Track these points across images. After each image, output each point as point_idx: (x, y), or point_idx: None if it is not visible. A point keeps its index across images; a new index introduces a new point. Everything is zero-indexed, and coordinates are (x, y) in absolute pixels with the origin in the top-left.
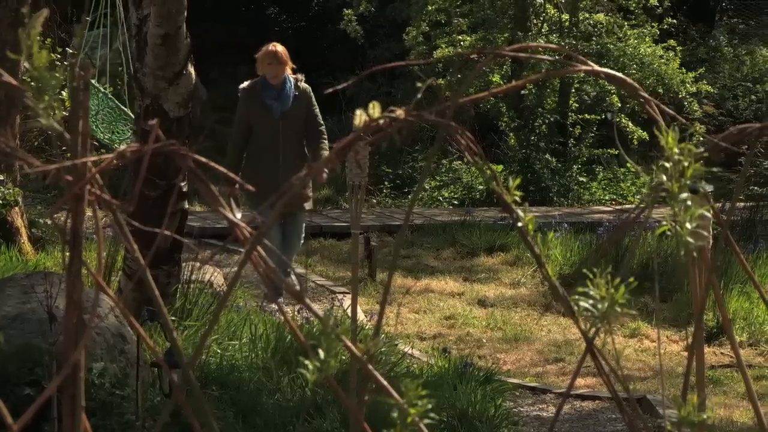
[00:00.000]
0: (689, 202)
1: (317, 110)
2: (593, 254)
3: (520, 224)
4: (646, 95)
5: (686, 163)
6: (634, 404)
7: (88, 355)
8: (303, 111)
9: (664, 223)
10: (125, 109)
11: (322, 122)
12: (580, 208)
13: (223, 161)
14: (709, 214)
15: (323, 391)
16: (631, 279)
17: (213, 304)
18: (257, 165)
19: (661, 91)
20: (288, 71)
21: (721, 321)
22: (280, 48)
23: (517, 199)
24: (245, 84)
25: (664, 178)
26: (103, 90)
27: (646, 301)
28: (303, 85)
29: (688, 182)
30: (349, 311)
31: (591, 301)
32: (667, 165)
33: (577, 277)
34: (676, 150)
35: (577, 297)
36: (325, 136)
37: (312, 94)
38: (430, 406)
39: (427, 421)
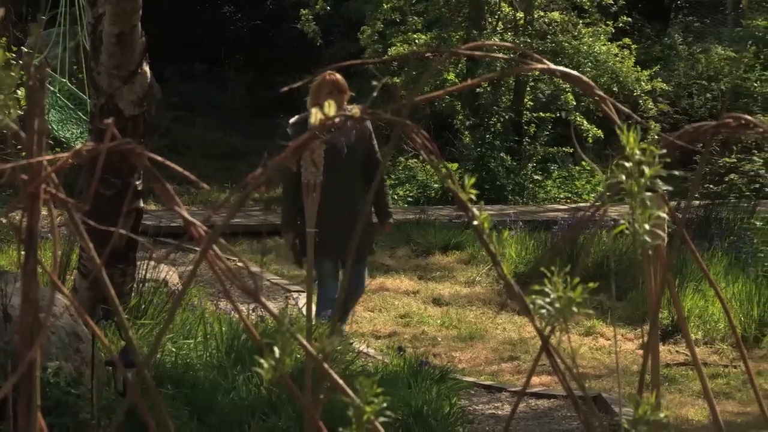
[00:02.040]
0: (648, 202)
1: (376, 145)
2: (548, 252)
3: (475, 223)
4: (601, 93)
5: (647, 164)
6: (589, 402)
7: (44, 354)
8: (364, 146)
9: (621, 221)
10: (73, 107)
11: (380, 159)
12: (535, 206)
13: (281, 212)
14: (665, 214)
15: (278, 390)
16: (590, 283)
17: (168, 302)
18: (320, 211)
19: (616, 89)
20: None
21: (676, 319)
22: (339, 75)
23: (473, 197)
24: (297, 118)
25: (624, 177)
26: (52, 89)
27: (601, 300)
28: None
29: (647, 182)
30: (304, 310)
31: (548, 300)
32: (627, 164)
33: (533, 276)
34: (637, 150)
35: (534, 296)
36: (384, 171)
37: (371, 127)
38: (385, 404)
39: (382, 419)
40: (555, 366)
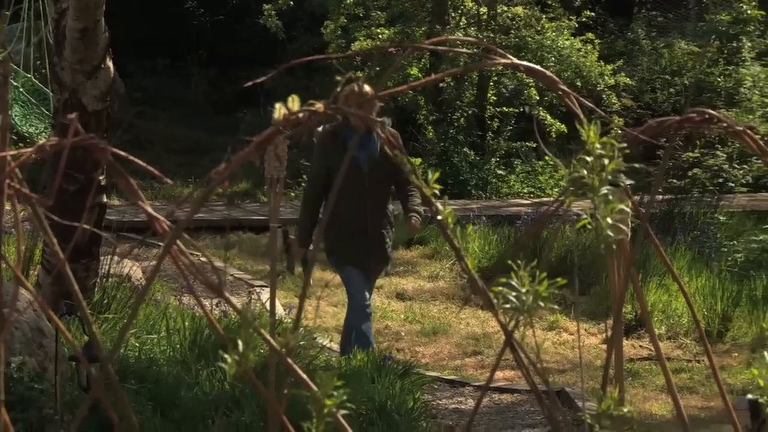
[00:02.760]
0: (610, 196)
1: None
2: (512, 247)
3: (439, 217)
4: (565, 88)
5: (607, 159)
6: (553, 397)
7: (7, 349)
8: (391, 161)
9: (584, 216)
10: (36, 103)
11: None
12: (499, 201)
13: (298, 221)
14: (628, 208)
15: (242, 385)
16: (559, 279)
17: (131, 297)
18: (340, 225)
19: (579, 83)
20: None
21: (639, 314)
22: (367, 87)
23: (437, 192)
24: (321, 128)
25: (585, 172)
26: (15, 84)
27: (565, 294)
28: (391, 129)
29: (608, 176)
30: (267, 304)
31: (516, 294)
32: (589, 159)
33: (496, 270)
34: (597, 144)
35: (500, 289)
36: (414, 188)
37: (399, 138)
38: (345, 396)
39: (344, 412)
40: (519, 361)
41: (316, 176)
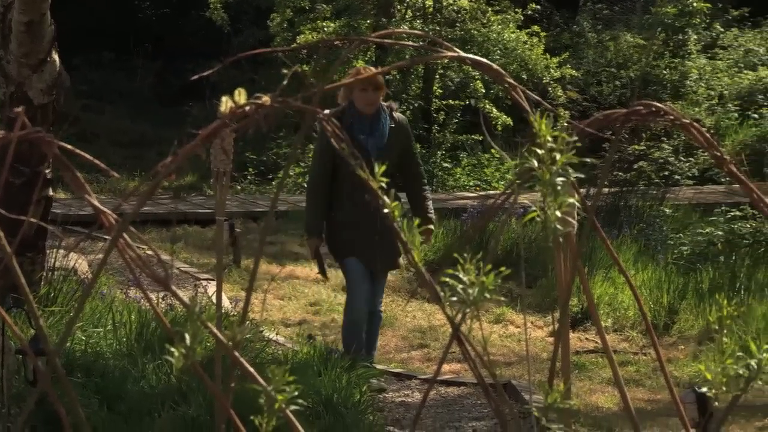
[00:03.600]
0: (558, 189)
1: (415, 146)
2: (459, 240)
3: (386, 210)
4: (512, 81)
5: (558, 151)
6: (500, 390)
7: None
8: (399, 148)
9: (531, 209)
10: None
11: (420, 162)
12: (445, 194)
13: (307, 213)
14: (575, 201)
15: (188, 378)
16: (502, 268)
17: (78, 291)
18: (347, 216)
19: (525, 76)
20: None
21: (585, 306)
22: (374, 70)
23: (384, 185)
24: (329, 113)
25: (536, 163)
26: None
27: (511, 287)
28: (399, 115)
29: (559, 169)
30: (213, 298)
31: (461, 287)
32: (539, 151)
33: (443, 263)
34: (549, 137)
35: (448, 280)
36: (425, 179)
37: (409, 126)
38: (297, 392)
39: (294, 407)
40: (466, 353)
41: (321, 165)
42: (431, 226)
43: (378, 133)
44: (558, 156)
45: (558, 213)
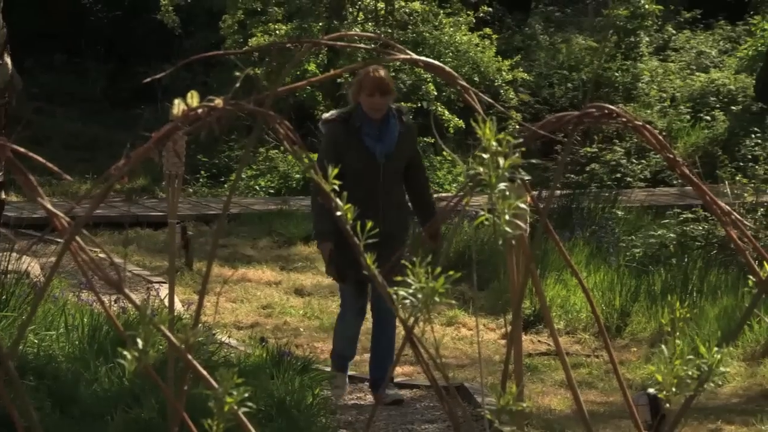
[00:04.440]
0: (507, 192)
1: (420, 153)
2: (411, 242)
3: (339, 213)
4: (464, 83)
5: (504, 155)
6: (453, 392)
7: None
8: (407, 154)
9: (482, 212)
10: None
11: (425, 168)
12: None
13: (315, 220)
14: (526, 204)
15: (141, 381)
16: (456, 274)
17: (30, 294)
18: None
19: (477, 79)
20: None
21: (537, 309)
22: (383, 73)
23: (336, 188)
24: (331, 115)
25: (482, 168)
26: None
27: (463, 290)
28: (408, 118)
29: (505, 173)
30: (166, 301)
31: (411, 291)
32: (485, 156)
33: (395, 266)
34: (493, 141)
35: (397, 287)
36: (428, 182)
37: (416, 131)
38: (247, 394)
39: (245, 409)
40: (418, 356)
41: (326, 165)
42: (439, 233)
43: (387, 138)
44: (502, 160)
45: (507, 216)
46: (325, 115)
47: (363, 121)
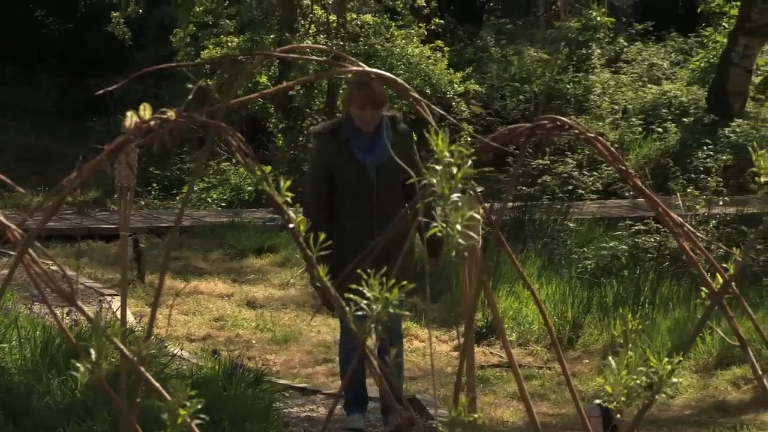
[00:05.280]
0: (460, 203)
1: (419, 163)
2: (365, 254)
3: (291, 225)
4: (416, 95)
5: (456, 166)
6: (405, 404)
7: None
8: (404, 162)
9: (433, 224)
10: None
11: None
12: None
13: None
14: (479, 215)
15: (93, 393)
16: (404, 282)
17: None
18: (344, 237)
19: (429, 91)
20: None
21: (490, 321)
22: (376, 87)
23: (288, 200)
24: (319, 127)
25: (434, 180)
26: None
27: (416, 302)
28: (403, 126)
29: (458, 184)
30: (118, 313)
31: (365, 302)
32: (438, 167)
33: (347, 278)
34: (446, 153)
35: (350, 299)
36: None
37: (413, 137)
38: (200, 406)
39: (197, 421)
40: (371, 368)
41: (315, 183)
42: (440, 254)
43: (378, 150)
44: (455, 170)
45: (459, 227)
46: (314, 128)
47: (352, 134)
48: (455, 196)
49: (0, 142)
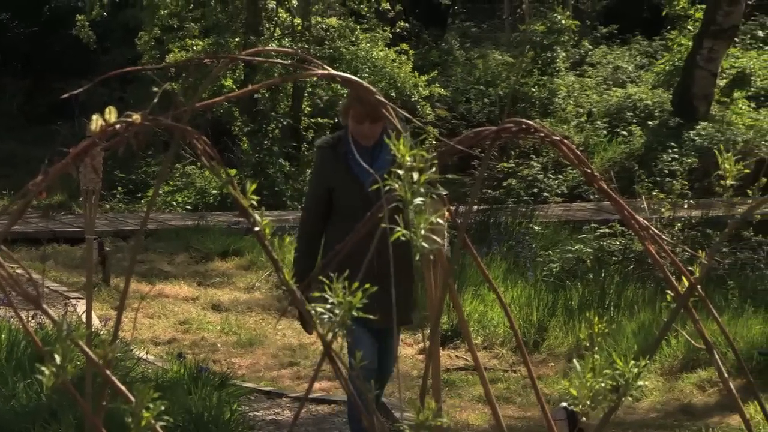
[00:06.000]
0: (424, 207)
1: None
2: (330, 258)
3: (257, 228)
4: (382, 99)
5: (419, 170)
6: (371, 408)
7: None
8: None
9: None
10: None
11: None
12: None
13: (295, 256)
14: (444, 219)
15: (59, 397)
16: (367, 285)
17: None
18: (341, 263)
19: (394, 94)
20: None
21: (456, 324)
22: (374, 98)
23: (254, 203)
24: (323, 140)
25: (397, 185)
26: None
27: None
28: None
29: (421, 188)
30: (83, 316)
31: (329, 306)
32: (400, 172)
33: (313, 282)
34: (408, 157)
35: (316, 302)
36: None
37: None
38: (164, 408)
39: (162, 424)
40: (337, 371)
41: (313, 199)
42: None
43: (378, 166)
44: (416, 175)
45: (423, 231)
46: (317, 141)
47: (350, 147)
48: (418, 200)
49: None
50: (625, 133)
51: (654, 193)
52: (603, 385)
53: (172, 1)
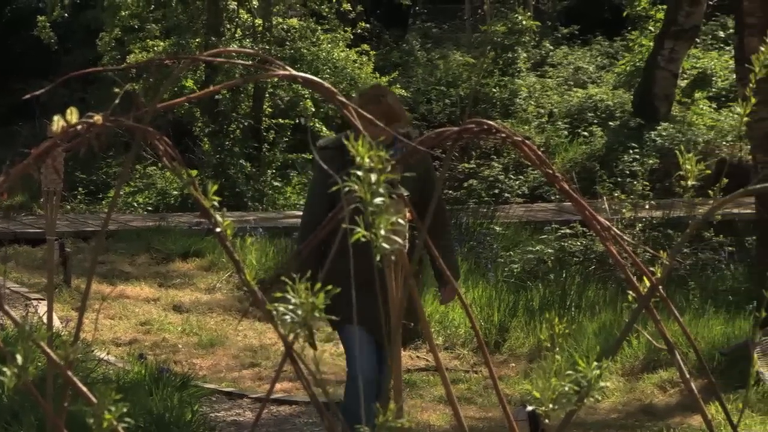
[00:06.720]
0: (384, 208)
1: (439, 188)
2: (291, 259)
3: (218, 229)
4: (343, 99)
5: (378, 171)
6: (333, 408)
7: None
8: (419, 185)
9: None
10: None
11: (445, 207)
12: (275, 212)
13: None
14: (405, 219)
15: (20, 398)
16: (330, 286)
17: None
18: (344, 271)
19: (355, 95)
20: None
21: (416, 324)
22: (391, 99)
23: (216, 204)
24: (327, 141)
25: (356, 186)
26: None
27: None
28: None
29: (380, 189)
30: (44, 317)
31: (291, 307)
32: (359, 173)
33: (273, 282)
34: (367, 157)
35: (278, 305)
36: (450, 224)
37: (431, 158)
38: (125, 409)
39: (123, 425)
40: (298, 372)
41: (316, 201)
42: (455, 284)
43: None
44: (373, 177)
45: (383, 232)
46: (320, 142)
47: None
48: (378, 200)
49: None
50: (586, 133)
51: (615, 194)
52: (568, 388)
53: (133, 2)
